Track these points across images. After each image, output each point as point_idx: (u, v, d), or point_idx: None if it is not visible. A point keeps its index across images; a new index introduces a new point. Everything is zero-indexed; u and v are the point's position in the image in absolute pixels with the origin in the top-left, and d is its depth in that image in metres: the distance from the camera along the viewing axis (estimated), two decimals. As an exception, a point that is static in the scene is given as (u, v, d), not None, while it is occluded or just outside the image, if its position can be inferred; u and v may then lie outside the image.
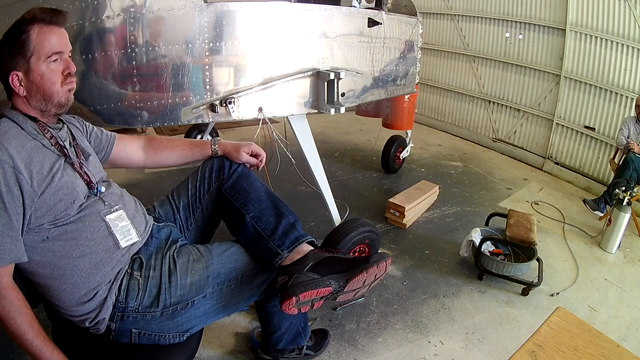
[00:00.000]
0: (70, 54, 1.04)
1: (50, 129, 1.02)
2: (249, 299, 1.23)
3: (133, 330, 1.06)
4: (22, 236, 0.92)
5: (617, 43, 3.37)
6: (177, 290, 1.07)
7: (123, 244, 1.06)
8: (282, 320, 1.44)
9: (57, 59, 0.98)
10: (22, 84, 0.96)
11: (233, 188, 1.27)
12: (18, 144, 0.92)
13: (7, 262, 0.90)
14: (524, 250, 2.24)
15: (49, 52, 0.96)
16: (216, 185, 1.29)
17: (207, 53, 1.85)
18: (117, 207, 1.08)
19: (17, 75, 0.95)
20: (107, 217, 1.05)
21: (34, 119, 0.99)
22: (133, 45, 1.68)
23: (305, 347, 1.58)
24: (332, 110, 2.34)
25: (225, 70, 1.94)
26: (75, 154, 1.06)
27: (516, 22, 4.19)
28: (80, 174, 1.03)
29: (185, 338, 1.11)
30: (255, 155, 1.36)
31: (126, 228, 1.08)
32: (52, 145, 1.00)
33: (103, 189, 1.07)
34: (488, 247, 2.32)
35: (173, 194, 1.33)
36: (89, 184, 1.04)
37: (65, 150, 1.02)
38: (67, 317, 1.05)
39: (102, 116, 1.77)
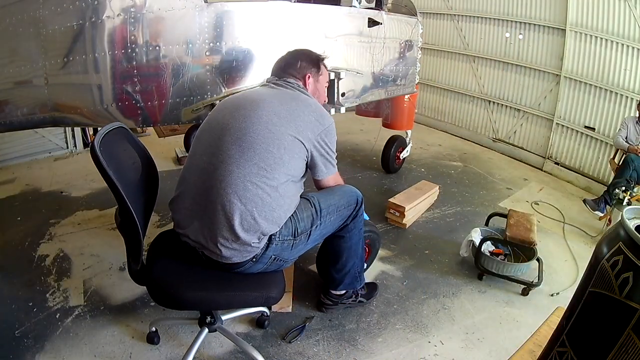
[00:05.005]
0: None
1: None
2: (337, 225, 1.61)
3: (272, 255, 1.37)
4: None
5: (617, 43, 3.37)
6: (301, 222, 1.43)
7: None
8: (348, 259, 1.74)
9: (326, 87, 1.76)
10: (309, 85, 1.61)
11: None
12: None
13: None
14: (524, 250, 2.24)
15: (327, 81, 1.75)
16: None
17: (207, 53, 1.85)
18: None
19: (309, 75, 1.61)
20: None
21: None
22: (133, 45, 1.68)
23: (359, 294, 1.89)
24: (332, 110, 2.35)
25: (226, 71, 1.94)
26: None
27: (516, 22, 4.19)
28: None
29: (291, 264, 1.52)
30: None
31: None
32: None
33: None
34: (488, 247, 2.32)
35: None
36: None
37: None
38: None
39: (102, 116, 1.77)
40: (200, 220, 1.31)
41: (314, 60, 1.64)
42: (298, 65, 1.60)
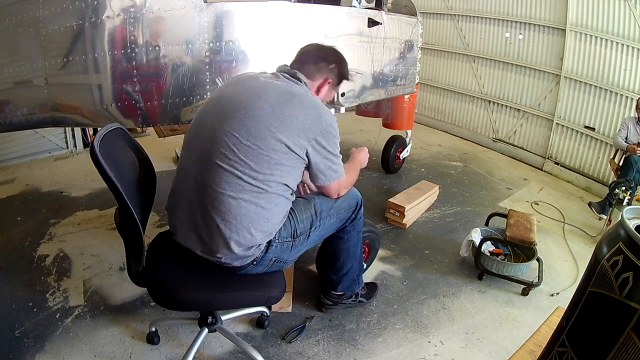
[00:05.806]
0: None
1: None
2: (336, 227, 1.61)
3: (272, 258, 1.36)
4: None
5: (617, 43, 3.37)
6: (300, 224, 1.42)
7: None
8: (346, 261, 1.74)
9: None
10: (324, 90, 1.51)
11: None
12: None
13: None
14: (524, 250, 2.24)
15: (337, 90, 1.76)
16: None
17: (207, 53, 1.85)
18: None
19: (330, 82, 1.51)
20: None
21: None
22: (133, 46, 1.68)
23: (359, 294, 1.89)
24: (332, 110, 2.34)
25: (226, 70, 1.94)
26: None
27: (516, 22, 4.19)
28: None
29: (291, 264, 1.53)
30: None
31: None
32: None
33: None
34: (488, 247, 2.32)
35: None
36: None
37: None
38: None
39: (101, 116, 1.77)
40: (197, 234, 1.29)
41: (342, 74, 1.54)
42: (328, 66, 1.47)
